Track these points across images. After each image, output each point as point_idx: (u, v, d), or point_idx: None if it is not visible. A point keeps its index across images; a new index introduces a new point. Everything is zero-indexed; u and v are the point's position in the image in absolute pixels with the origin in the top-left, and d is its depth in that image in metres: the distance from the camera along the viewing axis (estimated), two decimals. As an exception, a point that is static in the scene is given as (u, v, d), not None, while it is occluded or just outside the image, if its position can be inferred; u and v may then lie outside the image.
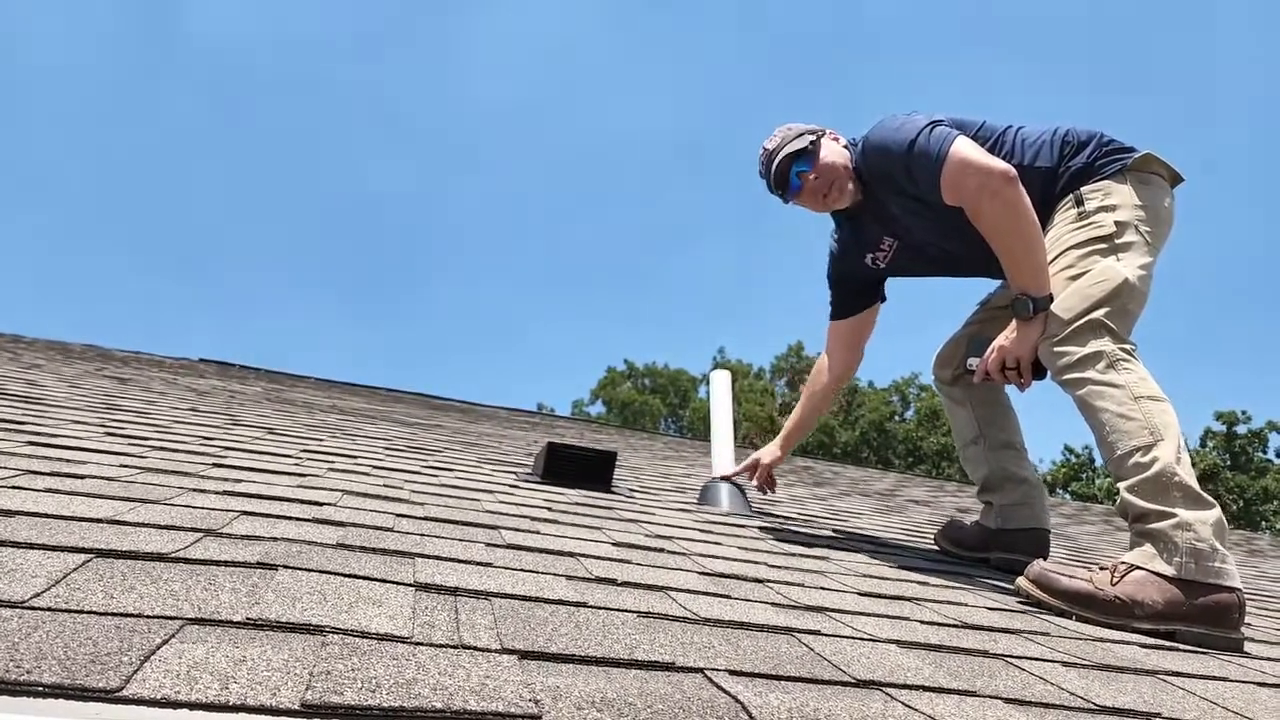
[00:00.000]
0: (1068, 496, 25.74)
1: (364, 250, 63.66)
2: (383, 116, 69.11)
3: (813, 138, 2.36)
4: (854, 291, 2.66)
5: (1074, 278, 2.00)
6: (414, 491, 2.01)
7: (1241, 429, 27.89)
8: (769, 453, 2.93)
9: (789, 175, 2.37)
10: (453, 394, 10.01)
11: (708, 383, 3.51)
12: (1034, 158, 2.13)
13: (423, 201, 66.88)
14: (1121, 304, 1.95)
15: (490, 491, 2.27)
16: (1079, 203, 2.06)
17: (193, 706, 0.66)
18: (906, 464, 32.37)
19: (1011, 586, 1.95)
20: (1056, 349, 1.96)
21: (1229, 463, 27.57)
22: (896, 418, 35.67)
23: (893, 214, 2.36)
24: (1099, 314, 1.93)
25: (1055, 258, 2.05)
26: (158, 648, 0.75)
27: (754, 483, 3.00)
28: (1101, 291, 1.94)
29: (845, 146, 2.37)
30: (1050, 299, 2.00)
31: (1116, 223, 2.01)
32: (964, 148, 2.02)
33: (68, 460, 1.67)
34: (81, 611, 0.81)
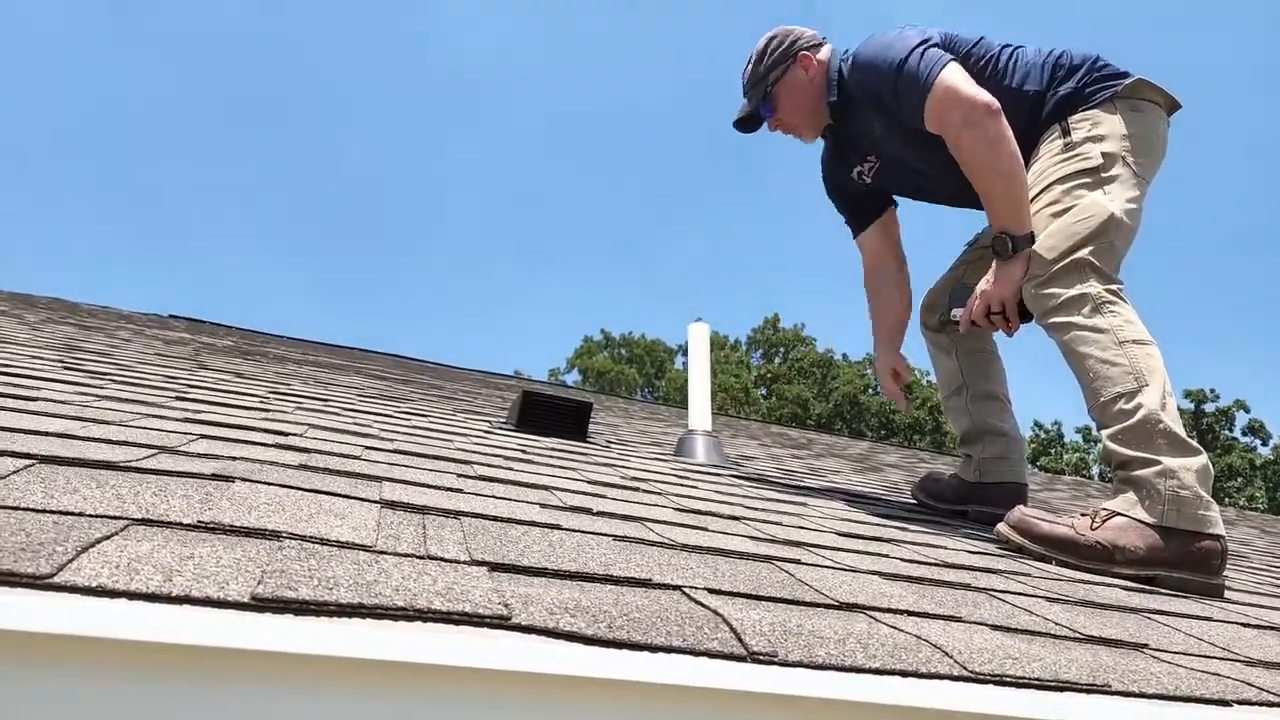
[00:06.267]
0: (1037, 470, 26.05)
1: (336, 215, 62.81)
2: (363, 79, 68.02)
3: (778, 74, 2.32)
4: (858, 202, 2.58)
5: (1058, 214, 1.93)
6: (384, 430, 1.95)
7: (1210, 407, 28.31)
8: (888, 359, 2.59)
9: (756, 124, 2.42)
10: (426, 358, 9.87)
11: (683, 352, 3.44)
12: (1023, 80, 2.07)
13: (399, 168, 66.02)
14: (1108, 241, 1.89)
15: (464, 435, 2.22)
16: (1065, 133, 2.00)
17: (132, 596, 0.61)
18: (879, 436, 32.60)
19: (991, 535, 1.93)
20: (1040, 291, 1.92)
21: (1196, 440, 27.99)
22: (870, 391, 35.87)
23: (875, 132, 2.31)
24: (1084, 253, 1.87)
25: (1039, 192, 1.99)
26: (97, 542, 0.69)
27: (894, 388, 2.59)
28: (1087, 229, 1.89)
29: (829, 62, 2.30)
30: (1031, 237, 1.95)
31: (1104, 154, 1.94)
32: (952, 76, 1.97)
33: (22, 385, 1.60)
34: (17, 508, 0.75)
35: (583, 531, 1.13)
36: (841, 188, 2.57)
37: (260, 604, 0.63)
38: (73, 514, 0.76)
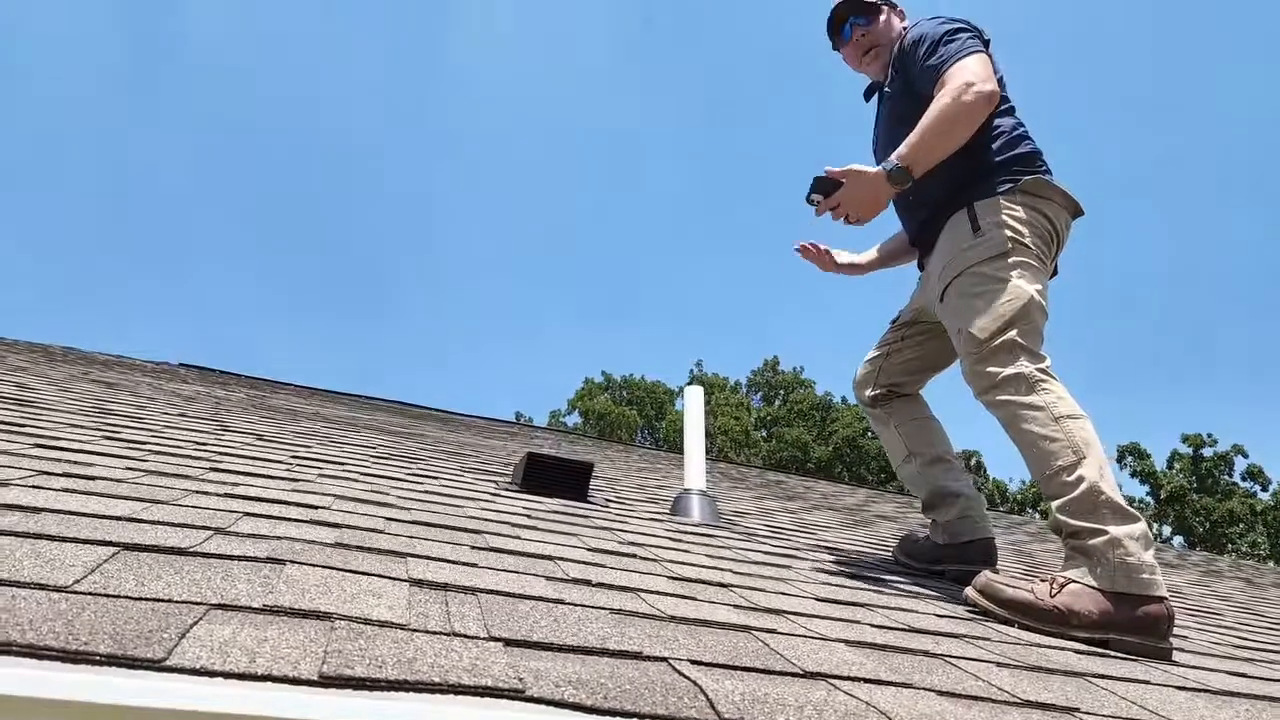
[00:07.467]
0: (1037, 516, 26.05)
1: (338, 253, 63.39)
2: (361, 117, 68.99)
3: (881, 2, 2.57)
4: None
5: (980, 294, 2.13)
6: (401, 497, 2.11)
7: (1208, 452, 28.36)
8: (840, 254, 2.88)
9: (844, 24, 2.60)
10: (430, 400, 10.07)
11: (684, 396, 3.61)
12: (981, 131, 2.22)
13: (401, 207, 66.80)
14: (1032, 321, 2.09)
15: (473, 499, 2.38)
16: (972, 218, 2.19)
17: (227, 675, 0.77)
18: (879, 479, 32.63)
19: (961, 596, 2.08)
20: (978, 368, 2.11)
21: (1195, 485, 28.02)
22: (869, 434, 35.93)
23: (881, 115, 2.53)
24: (1013, 334, 2.06)
25: (957, 276, 2.19)
26: (190, 627, 0.86)
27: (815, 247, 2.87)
28: (1012, 310, 2.08)
29: (903, 29, 2.52)
30: (912, 176, 2.14)
31: (1010, 239, 2.14)
32: (980, 59, 2.17)
33: (75, 462, 1.77)
34: (119, 596, 0.91)
35: (584, 605, 1.28)
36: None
37: (326, 681, 0.80)
38: (164, 600, 0.93)
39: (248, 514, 1.50)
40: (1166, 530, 27.96)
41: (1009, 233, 2.15)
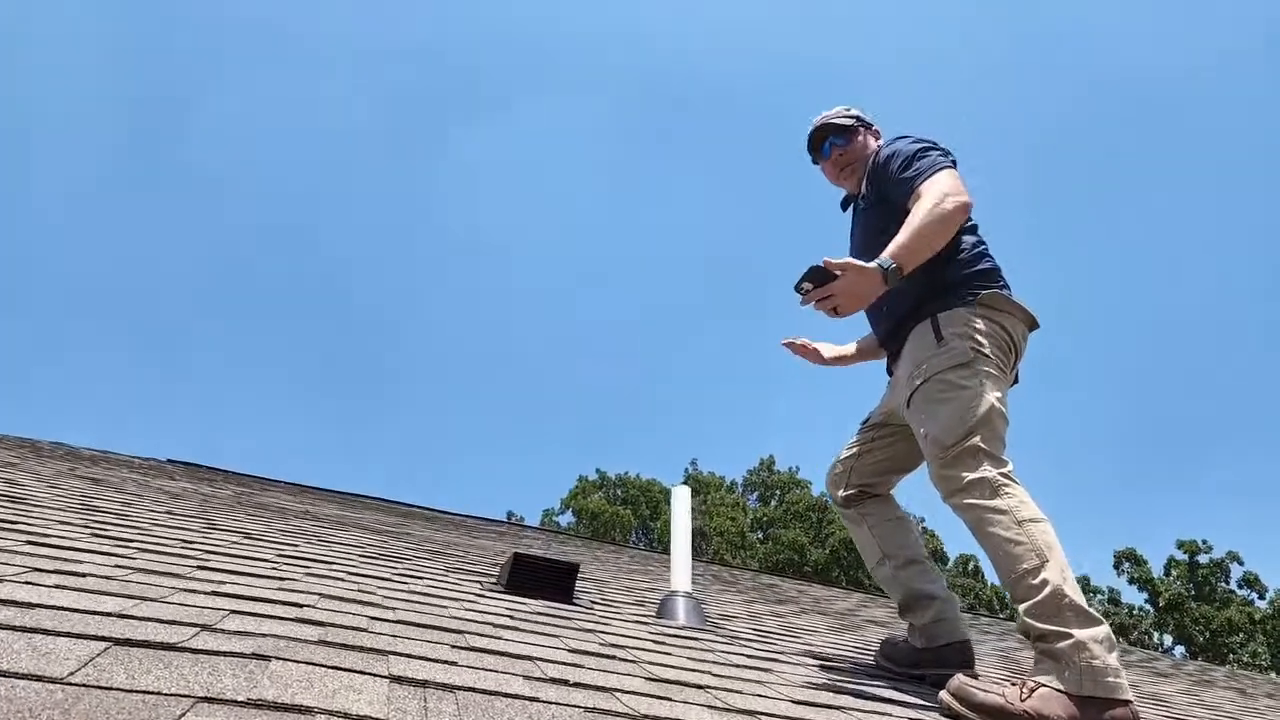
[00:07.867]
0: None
1: (332, 351, 63.76)
2: (360, 219, 70.43)
3: (858, 124, 2.75)
4: None
5: (945, 401, 2.22)
6: (386, 597, 2.14)
7: (1203, 559, 28.11)
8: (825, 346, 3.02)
9: (824, 143, 2.77)
10: (422, 497, 10.03)
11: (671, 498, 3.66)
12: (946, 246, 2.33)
13: (394, 304, 67.59)
14: (993, 427, 2.18)
15: (457, 599, 2.40)
16: (936, 329, 2.31)
17: (212, 764, 0.81)
18: (875, 580, 32.12)
19: (936, 700, 2.09)
20: (944, 472, 2.19)
21: (1193, 593, 27.67)
22: (865, 537, 35.53)
23: (855, 226, 2.66)
24: (976, 440, 2.15)
25: (922, 383, 2.29)
26: (179, 718, 0.90)
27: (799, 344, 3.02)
28: (974, 417, 2.17)
29: (878, 147, 2.66)
30: (902, 275, 2.19)
31: (973, 349, 2.25)
32: (953, 173, 2.33)
33: (66, 559, 1.81)
34: (111, 688, 0.96)
35: (558, 704, 1.32)
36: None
37: (306, 771, 0.84)
38: (153, 693, 0.97)
39: (234, 611, 1.54)
40: (1168, 639, 27.48)
41: (970, 343, 2.27)
